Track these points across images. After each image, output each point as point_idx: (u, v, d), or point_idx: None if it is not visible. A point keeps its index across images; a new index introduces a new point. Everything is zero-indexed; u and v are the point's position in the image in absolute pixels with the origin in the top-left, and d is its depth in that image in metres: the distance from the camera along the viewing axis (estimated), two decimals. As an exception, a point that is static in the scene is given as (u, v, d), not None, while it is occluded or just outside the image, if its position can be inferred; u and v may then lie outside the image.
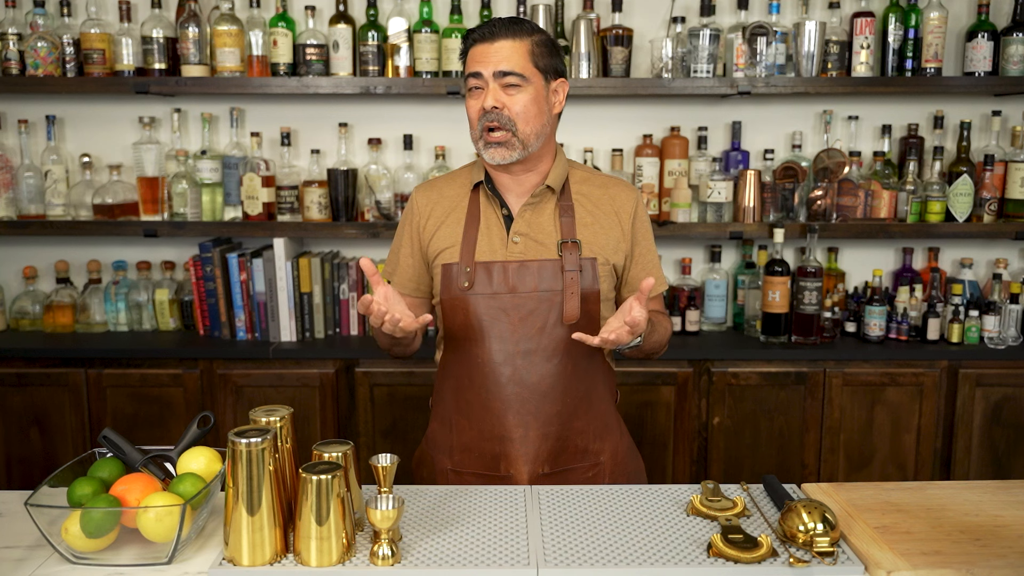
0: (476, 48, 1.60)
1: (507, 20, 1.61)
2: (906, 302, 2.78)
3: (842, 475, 2.68)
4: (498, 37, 1.58)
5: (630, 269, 1.71)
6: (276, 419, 1.32)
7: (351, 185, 2.78)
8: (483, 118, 1.59)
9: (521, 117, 1.58)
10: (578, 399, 1.65)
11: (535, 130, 1.61)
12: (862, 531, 1.31)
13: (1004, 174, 2.80)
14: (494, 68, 1.57)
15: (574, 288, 1.60)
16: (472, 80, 1.60)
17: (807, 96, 2.90)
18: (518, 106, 1.58)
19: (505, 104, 1.58)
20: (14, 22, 2.74)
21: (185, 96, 2.89)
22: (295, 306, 2.79)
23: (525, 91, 1.59)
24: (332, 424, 2.66)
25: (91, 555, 1.26)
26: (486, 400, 1.62)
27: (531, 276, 1.60)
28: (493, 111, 1.57)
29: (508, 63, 1.57)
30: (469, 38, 1.62)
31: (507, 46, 1.58)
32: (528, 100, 1.59)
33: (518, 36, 1.59)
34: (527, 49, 1.59)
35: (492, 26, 1.60)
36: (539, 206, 1.66)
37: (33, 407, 2.65)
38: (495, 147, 1.60)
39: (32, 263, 2.95)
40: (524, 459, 1.62)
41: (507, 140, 1.59)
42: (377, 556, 1.23)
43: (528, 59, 1.59)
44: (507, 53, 1.57)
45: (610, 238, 1.66)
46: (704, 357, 2.66)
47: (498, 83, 1.58)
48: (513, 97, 1.58)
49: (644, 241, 1.72)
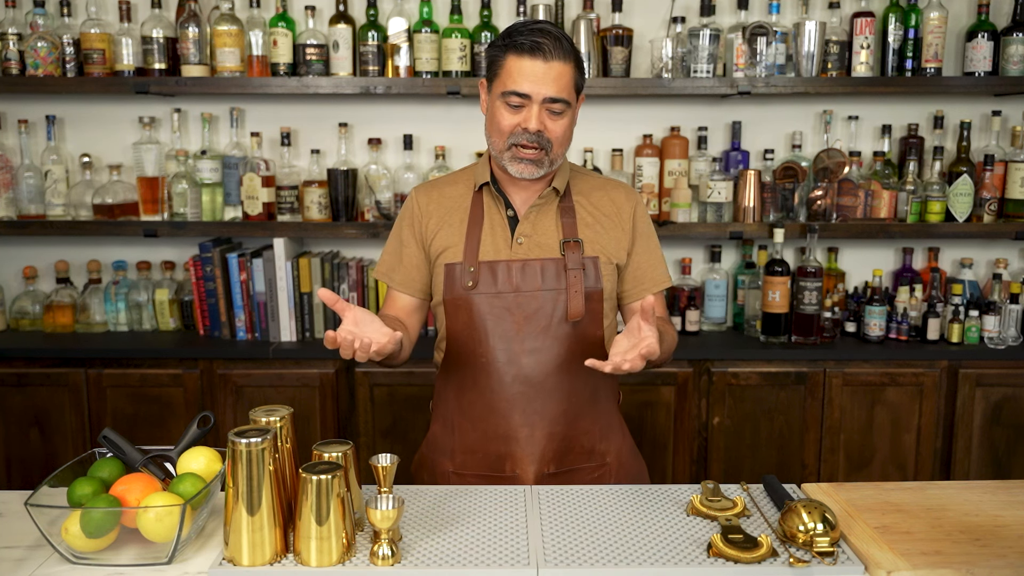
0: (528, 63, 1.53)
1: (555, 35, 1.54)
2: (906, 302, 2.78)
3: (842, 475, 2.68)
4: (552, 58, 1.53)
5: (628, 266, 1.69)
6: (276, 419, 1.32)
7: (351, 185, 2.78)
8: (520, 135, 1.56)
9: (559, 141, 1.58)
10: (583, 398, 1.65)
11: (564, 151, 1.62)
12: (862, 531, 1.31)
13: (1004, 174, 2.80)
14: (546, 93, 1.54)
15: (578, 286, 1.60)
16: (515, 98, 1.55)
17: (807, 96, 2.90)
18: (559, 131, 1.58)
19: (548, 128, 1.56)
20: (14, 22, 2.74)
21: (185, 96, 2.89)
22: (295, 306, 2.79)
23: (567, 115, 1.58)
24: (332, 424, 2.66)
25: (91, 555, 1.26)
26: (490, 400, 1.62)
27: (534, 275, 1.60)
28: (536, 133, 1.56)
29: (557, 89, 1.54)
30: (515, 45, 1.54)
31: (559, 69, 1.53)
32: (567, 124, 1.59)
33: (566, 59, 1.55)
34: (571, 73, 1.56)
35: (545, 40, 1.53)
36: (543, 208, 1.66)
37: (33, 407, 2.65)
38: (526, 163, 1.58)
39: (32, 263, 2.95)
40: (530, 459, 1.62)
41: (539, 159, 1.58)
42: (377, 556, 1.23)
43: (572, 84, 1.57)
44: (557, 76, 1.53)
45: (611, 238, 1.67)
46: (704, 357, 2.65)
47: (543, 106, 1.55)
48: (556, 122, 1.57)
49: (643, 239, 1.71)
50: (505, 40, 1.57)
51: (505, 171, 1.62)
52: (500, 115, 1.58)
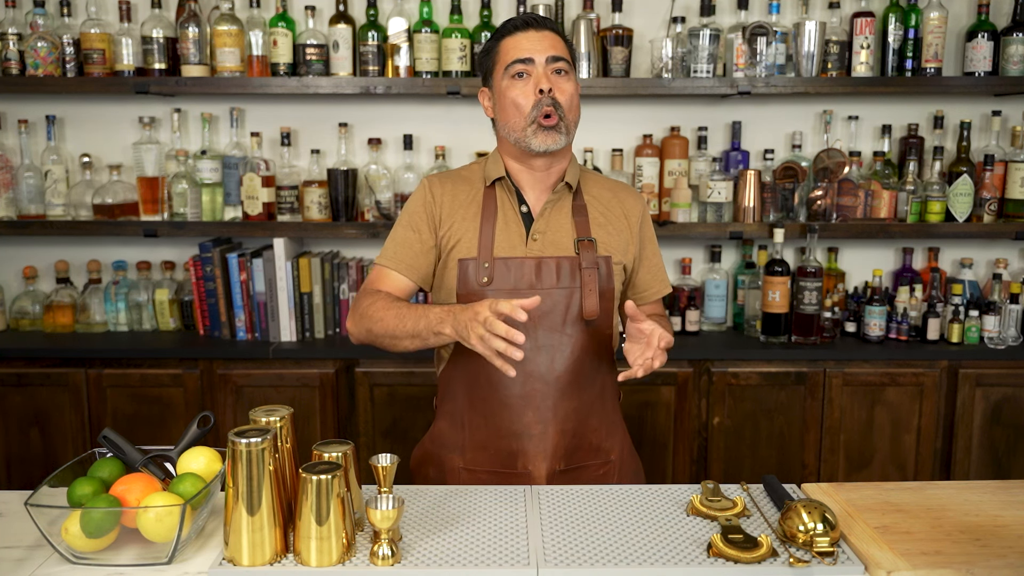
0: (522, 35, 1.61)
1: (542, 15, 1.66)
2: (906, 302, 2.78)
3: (842, 475, 2.68)
4: (543, 28, 1.62)
5: (638, 272, 1.74)
6: (276, 419, 1.32)
7: (351, 185, 2.78)
8: (539, 103, 1.58)
9: (568, 105, 1.61)
10: (593, 396, 1.67)
11: (575, 119, 1.64)
12: (862, 531, 1.31)
13: (1004, 174, 2.80)
14: (546, 53, 1.59)
15: (592, 285, 1.61)
16: (519, 66, 1.59)
17: (807, 96, 2.90)
18: (569, 90, 1.61)
19: (558, 87, 1.59)
20: (14, 22, 2.74)
21: (185, 96, 2.89)
22: (295, 306, 2.79)
23: (570, 79, 1.62)
24: (332, 424, 2.66)
25: (91, 555, 1.26)
26: (504, 397, 1.62)
27: (550, 273, 1.61)
28: (549, 94, 1.58)
29: (556, 49, 1.60)
30: (509, 26, 1.63)
31: (551, 37, 1.62)
32: (574, 88, 1.62)
33: (557, 32, 1.64)
34: (565, 46, 1.64)
35: (533, 16, 1.64)
36: (558, 204, 1.67)
37: (33, 407, 2.65)
38: (549, 131, 1.59)
39: (32, 263, 2.95)
40: (543, 456, 1.62)
41: (558, 125, 1.59)
42: (377, 556, 1.23)
43: (567, 54, 1.64)
44: (552, 41, 1.61)
45: (620, 239, 1.68)
46: (704, 357, 2.65)
47: (548, 68, 1.59)
48: (564, 82, 1.61)
49: (651, 245, 1.76)
50: (495, 34, 1.65)
51: (521, 161, 1.64)
52: (511, 91, 1.60)
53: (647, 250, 1.75)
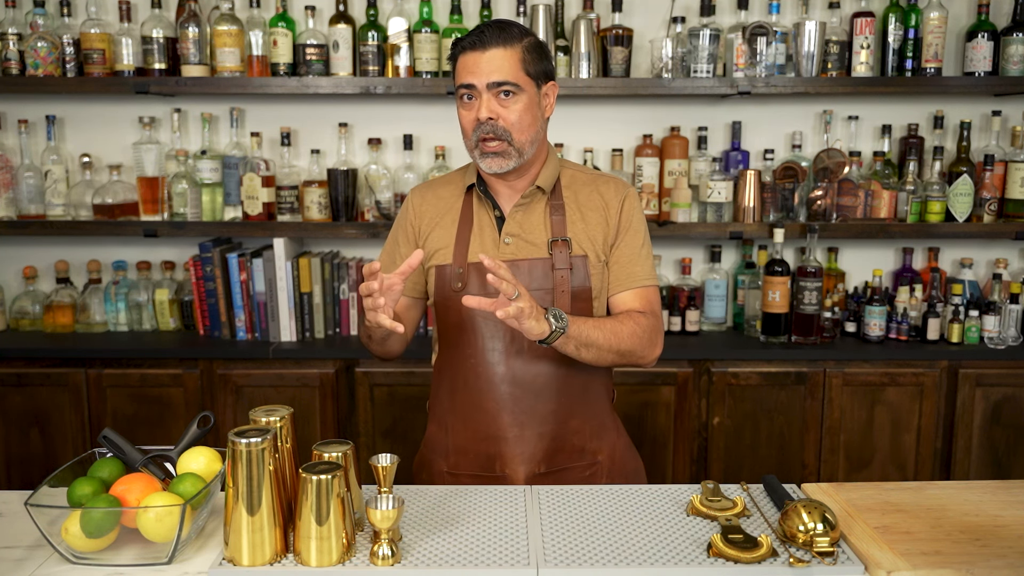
0: (466, 57, 1.57)
1: (496, 25, 1.57)
2: (906, 302, 2.78)
3: (842, 475, 2.68)
4: (489, 46, 1.55)
5: (611, 256, 1.66)
6: (276, 419, 1.32)
7: (351, 185, 2.78)
8: (477, 129, 1.57)
9: (516, 127, 1.57)
10: (573, 398, 1.65)
11: (529, 138, 1.60)
12: (862, 531, 1.31)
13: (1004, 174, 2.80)
14: (487, 79, 1.55)
15: (564, 286, 1.60)
16: (464, 90, 1.58)
17: (807, 96, 2.90)
18: (513, 116, 1.57)
19: (500, 114, 1.56)
20: (14, 22, 2.74)
21: (185, 96, 2.89)
22: (295, 306, 2.79)
23: (519, 100, 1.57)
24: (332, 424, 2.66)
25: (91, 555, 1.26)
26: (479, 400, 1.62)
27: (522, 275, 1.60)
28: (488, 122, 1.56)
29: (500, 73, 1.55)
30: (458, 46, 1.59)
31: (498, 55, 1.55)
32: (522, 109, 1.57)
33: (508, 43, 1.55)
34: (518, 57, 1.56)
35: (482, 33, 1.56)
36: (530, 206, 1.66)
37: (33, 407, 2.65)
38: (492, 157, 1.59)
39: (32, 263, 2.95)
40: (520, 459, 1.62)
41: (504, 150, 1.57)
42: (377, 556, 1.23)
43: (520, 67, 1.56)
44: (499, 63, 1.54)
45: (599, 233, 1.65)
46: (704, 357, 2.65)
47: (491, 93, 1.56)
48: (508, 108, 1.56)
49: (629, 232, 1.66)
50: (452, 49, 1.62)
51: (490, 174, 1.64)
52: (460, 112, 1.61)
53: (622, 238, 1.65)
